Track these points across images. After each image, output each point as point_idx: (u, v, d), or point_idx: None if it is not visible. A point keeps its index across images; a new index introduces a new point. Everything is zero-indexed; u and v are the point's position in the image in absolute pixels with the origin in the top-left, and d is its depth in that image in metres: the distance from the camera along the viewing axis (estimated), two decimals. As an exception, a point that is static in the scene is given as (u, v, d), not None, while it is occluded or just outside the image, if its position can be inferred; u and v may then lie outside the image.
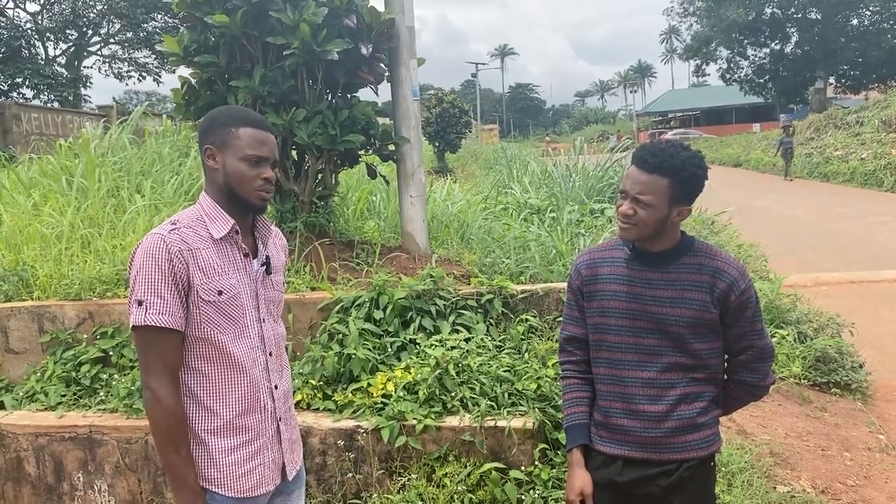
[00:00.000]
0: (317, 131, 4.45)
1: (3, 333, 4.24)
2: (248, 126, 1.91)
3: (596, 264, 2.14)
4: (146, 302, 1.80)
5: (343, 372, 3.73)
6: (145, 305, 1.80)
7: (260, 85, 4.36)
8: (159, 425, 1.82)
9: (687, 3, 44.96)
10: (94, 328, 4.16)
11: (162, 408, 1.80)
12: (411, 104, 4.83)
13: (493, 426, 3.36)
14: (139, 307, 1.80)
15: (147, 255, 1.81)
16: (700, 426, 2.03)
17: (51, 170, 6.74)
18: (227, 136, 1.90)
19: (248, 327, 1.95)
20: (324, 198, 5.00)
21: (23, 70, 26.77)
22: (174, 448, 1.82)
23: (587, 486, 2.07)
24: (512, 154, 18.37)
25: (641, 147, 2.00)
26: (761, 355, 2.07)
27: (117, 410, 3.74)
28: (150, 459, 3.59)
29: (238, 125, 1.90)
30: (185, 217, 1.92)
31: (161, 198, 5.79)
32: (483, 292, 4.08)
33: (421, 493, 3.26)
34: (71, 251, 4.74)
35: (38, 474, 3.69)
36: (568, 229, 6.28)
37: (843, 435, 4.54)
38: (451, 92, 25.77)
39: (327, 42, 4.23)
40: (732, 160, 31.99)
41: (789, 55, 41.19)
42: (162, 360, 1.82)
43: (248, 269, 1.97)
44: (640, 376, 2.03)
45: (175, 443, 1.82)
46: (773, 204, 16.57)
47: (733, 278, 1.98)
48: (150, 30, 30.71)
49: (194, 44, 4.56)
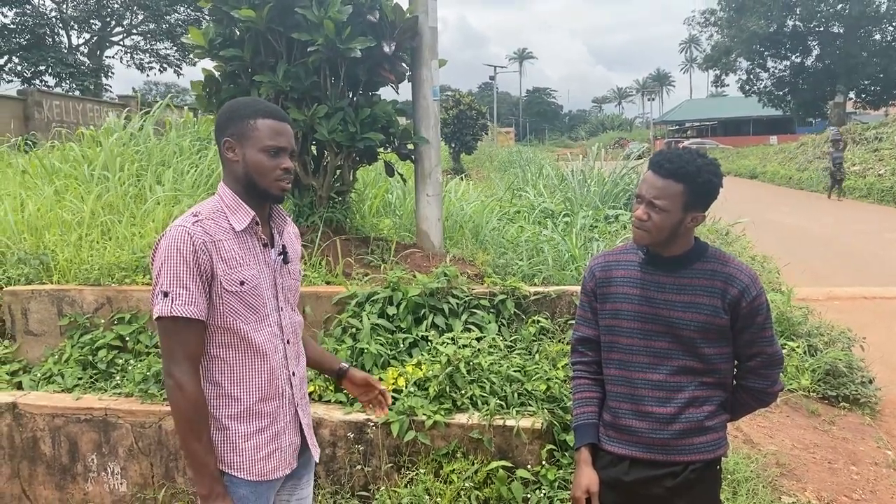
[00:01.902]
0: (337, 128, 4.50)
1: (23, 315, 4.32)
2: (267, 117, 1.94)
3: (610, 267, 2.17)
4: (172, 293, 1.83)
5: (355, 366, 3.77)
6: (171, 296, 1.83)
7: (283, 80, 4.42)
8: (181, 413, 1.86)
9: (708, 14, 44.84)
10: (111, 313, 4.23)
11: (184, 396, 1.84)
12: (431, 104, 4.87)
13: (501, 425, 3.39)
14: (165, 298, 1.84)
15: (172, 246, 1.85)
16: (707, 429, 2.06)
17: (73, 157, 6.84)
18: (247, 128, 1.93)
19: (268, 316, 1.99)
20: (341, 194, 5.06)
21: (46, 58, 27.03)
22: (195, 435, 1.86)
23: (593, 485, 2.11)
24: (527, 158, 18.41)
25: (659, 153, 2.04)
26: (770, 362, 2.09)
27: (132, 395, 3.81)
28: (163, 444, 3.65)
29: (257, 117, 1.94)
30: (206, 208, 1.95)
31: (180, 189, 5.86)
32: (496, 292, 4.12)
33: (428, 488, 3.30)
34: (91, 237, 4.81)
35: (53, 454, 3.76)
36: (581, 234, 6.30)
37: (851, 449, 4.54)
38: (469, 94, 25.79)
39: (351, 39, 4.29)
40: (748, 172, 31.87)
41: (810, 68, 40.94)
42: (185, 349, 1.86)
43: (267, 259, 2.01)
44: (649, 378, 2.06)
45: (196, 430, 1.86)
46: (787, 217, 16.50)
47: (745, 285, 2.01)
48: (173, 22, 30.94)
49: (220, 37, 4.64)
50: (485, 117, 22.78)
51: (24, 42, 27.39)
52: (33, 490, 3.80)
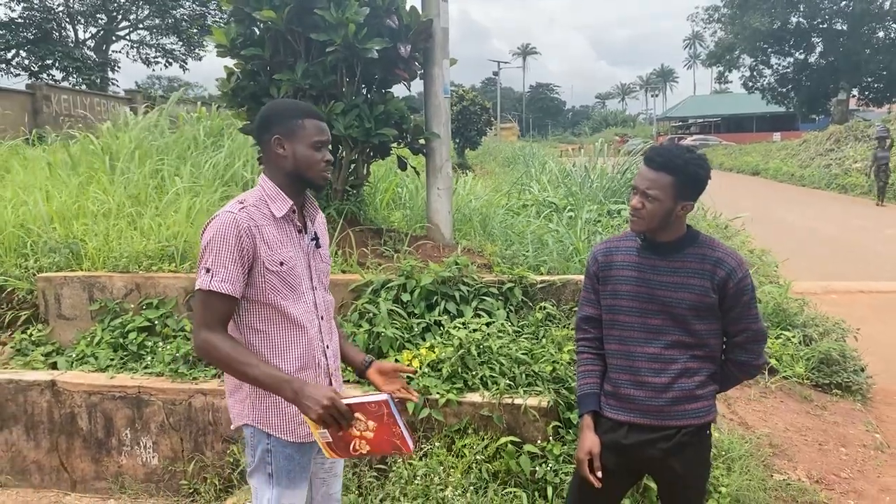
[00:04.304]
0: (353, 124, 4.72)
1: (56, 300, 4.55)
2: (312, 117, 2.21)
3: (611, 252, 2.42)
4: (213, 270, 2.07)
5: (372, 348, 4.01)
6: (212, 273, 2.07)
7: (302, 78, 4.64)
8: (225, 359, 2.06)
9: (711, 10, 44.90)
10: (140, 299, 4.46)
11: (218, 349, 2.05)
12: (442, 101, 5.10)
13: (510, 403, 3.62)
14: (206, 273, 2.08)
15: (219, 230, 2.09)
16: (698, 397, 2.30)
17: (92, 150, 7.07)
18: (296, 127, 2.18)
19: (304, 294, 2.23)
20: (356, 187, 5.29)
21: (53, 52, 27.25)
22: (249, 368, 2.04)
23: (595, 447, 2.35)
24: (531, 153, 18.62)
25: (651, 148, 2.29)
26: (755, 337, 2.33)
27: (163, 374, 4.04)
28: (192, 420, 3.89)
29: (304, 117, 2.19)
30: (251, 197, 2.20)
31: (197, 181, 6.09)
32: (504, 281, 4.35)
33: (442, 461, 3.53)
34: (118, 227, 5.05)
35: (89, 429, 4.00)
36: (585, 228, 6.52)
37: (841, 432, 4.77)
38: (472, 89, 25.97)
39: (367, 40, 4.51)
40: (751, 168, 32.03)
41: (813, 65, 41.04)
42: (217, 317, 2.09)
43: (302, 243, 2.27)
44: (646, 352, 2.30)
45: (246, 362, 2.04)
46: (789, 214, 16.69)
47: (732, 268, 2.25)
48: (178, 16, 31.10)
49: (241, 37, 4.85)
50: (489, 113, 22.95)
51: (31, 36, 27.62)
52: (70, 462, 4.04)
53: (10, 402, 4.06)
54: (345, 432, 2.03)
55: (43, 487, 4.09)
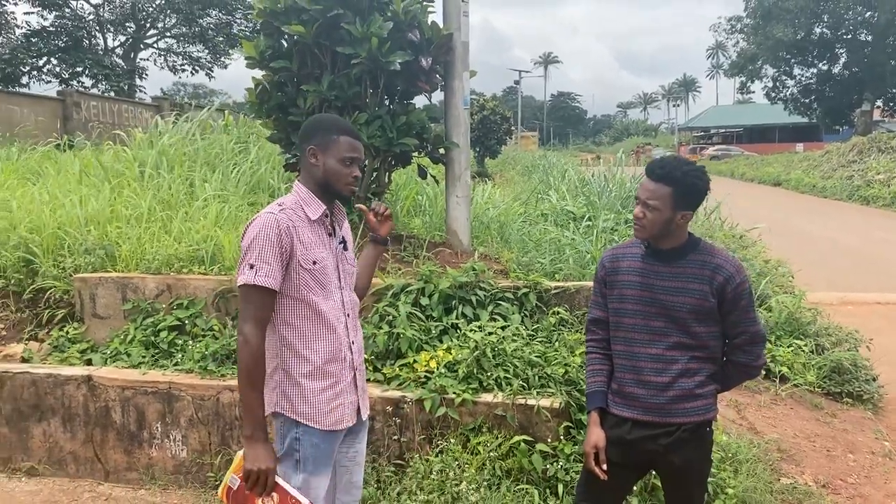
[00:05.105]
0: (376, 134, 4.91)
1: (91, 300, 4.77)
2: (347, 135, 2.42)
3: (617, 258, 2.58)
4: (256, 266, 2.27)
5: (392, 349, 4.18)
6: (255, 269, 2.27)
7: (328, 90, 4.84)
8: (245, 363, 2.25)
9: (734, 20, 44.77)
10: (171, 299, 4.67)
11: (249, 349, 2.25)
12: (462, 112, 5.27)
13: (523, 404, 3.77)
14: (250, 269, 2.27)
15: (261, 229, 2.29)
16: (697, 396, 2.44)
17: (124, 157, 7.33)
18: (330, 142, 2.39)
19: (332, 293, 2.44)
20: (377, 194, 5.47)
21: (83, 59, 27.92)
22: (252, 384, 2.26)
23: (601, 441, 2.51)
24: (551, 162, 18.75)
25: (652, 160, 2.44)
26: (753, 340, 2.47)
27: (192, 371, 4.24)
28: (220, 415, 4.07)
29: (339, 133, 2.41)
30: (288, 201, 2.42)
31: (225, 188, 6.32)
32: (519, 286, 4.50)
33: (457, 458, 3.69)
34: (151, 231, 5.27)
35: (122, 422, 4.20)
36: (602, 236, 6.65)
37: (850, 439, 4.85)
38: (493, 98, 26.17)
39: (390, 53, 4.70)
40: (772, 179, 31.87)
41: (837, 76, 40.78)
42: (257, 312, 2.29)
43: (332, 245, 2.47)
44: (648, 352, 2.46)
45: (253, 379, 2.26)
46: (808, 225, 16.64)
47: (730, 273, 2.40)
48: (205, 25, 31.70)
49: (269, 49, 5.06)
50: (509, 122, 23.12)
51: (62, 44, 28.33)
52: (104, 454, 4.25)
53: (48, 396, 4.28)
54: (250, 494, 2.26)
55: (78, 477, 4.30)
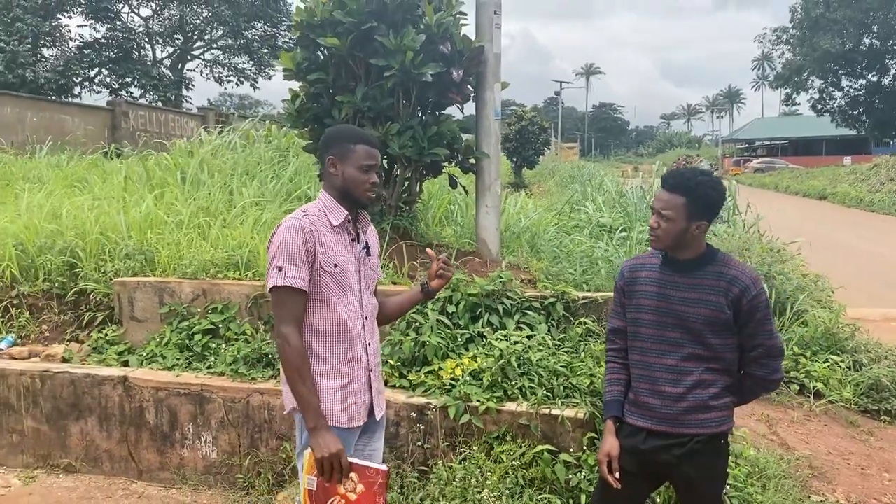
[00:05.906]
0: (407, 144, 4.99)
1: (129, 303, 4.93)
2: (364, 143, 2.52)
3: (636, 269, 2.59)
4: (285, 268, 2.38)
5: (418, 356, 4.23)
6: (284, 271, 2.38)
7: (361, 101, 4.93)
8: (289, 361, 2.36)
9: (780, 31, 44.00)
10: (206, 304, 4.80)
11: (291, 348, 2.36)
12: (493, 123, 5.32)
13: (547, 413, 3.77)
14: (279, 272, 2.38)
15: (287, 234, 2.41)
16: (711, 408, 2.44)
17: (166, 165, 7.56)
18: (347, 151, 2.50)
19: (352, 295, 2.52)
20: (408, 203, 5.55)
21: (132, 70, 28.70)
22: (301, 379, 2.36)
23: (614, 450, 2.53)
24: (589, 173, 18.68)
25: (668, 171, 2.45)
26: (769, 353, 2.45)
27: (224, 374, 4.35)
28: (249, 418, 4.17)
29: (357, 142, 2.51)
30: (312, 207, 2.53)
31: (263, 197, 6.46)
32: (546, 296, 4.51)
33: (480, 466, 3.71)
34: (189, 237, 5.42)
35: (156, 423, 4.32)
36: (637, 248, 6.62)
37: (886, 458, 4.73)
38: (533, 109, 26.19)
39: (423, 65, 4.77)
40: (817, 192, 31.22)
41: (886, 87, 39.72)
42: (292, 312, 2.40)
43: (354, 250, 2.57)
44: (664, 363, 2.46)
45: (301, 375, 2.36)
46: (854, 239, 16.26)
47: (746, 286, 2.39)
48: (250, 37, 32.35)
49: (306, 61, 5.19)
50: (546, 132, 23.12)
51: (113, 56, 29.17)
52: (138, 453, 4.38)
53: (86, 395, 4.43)
54: (331, 485, 2.26)
55: (113, 475, 4.44)
